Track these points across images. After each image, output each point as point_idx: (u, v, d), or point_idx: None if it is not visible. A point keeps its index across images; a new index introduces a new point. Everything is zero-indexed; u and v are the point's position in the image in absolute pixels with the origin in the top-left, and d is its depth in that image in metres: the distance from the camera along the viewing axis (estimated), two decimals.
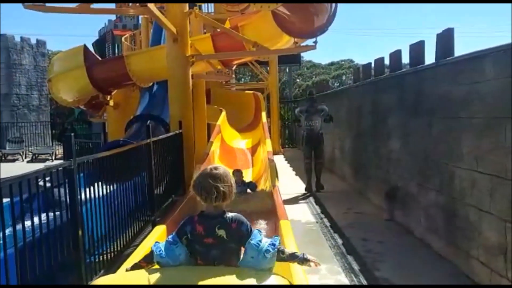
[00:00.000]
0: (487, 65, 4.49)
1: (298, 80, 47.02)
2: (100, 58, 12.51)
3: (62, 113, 32.25)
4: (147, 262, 2.69)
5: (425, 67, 6.14)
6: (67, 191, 3.72)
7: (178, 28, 8.65)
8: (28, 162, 19.73)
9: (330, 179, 11.20)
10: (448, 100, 5.43)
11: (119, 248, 4.97)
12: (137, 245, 4.46)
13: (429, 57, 6.12)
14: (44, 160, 19.22)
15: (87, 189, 4.33)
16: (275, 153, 17.74)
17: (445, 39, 5.54)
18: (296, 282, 2.94)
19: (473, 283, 4.84)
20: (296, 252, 2.81)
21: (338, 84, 42.05)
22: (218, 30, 10.62)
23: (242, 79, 41.53)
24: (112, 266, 4.35)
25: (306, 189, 10.07)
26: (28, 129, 23.65)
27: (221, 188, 2.55)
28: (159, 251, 2.59)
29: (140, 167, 6.18)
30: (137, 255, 3.39)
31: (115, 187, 5.15)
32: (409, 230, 6.73)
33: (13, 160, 19.94)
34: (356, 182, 10.20)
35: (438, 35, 5.73)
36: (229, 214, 2.61)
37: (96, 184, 4.53)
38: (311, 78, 46.46)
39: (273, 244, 2.56)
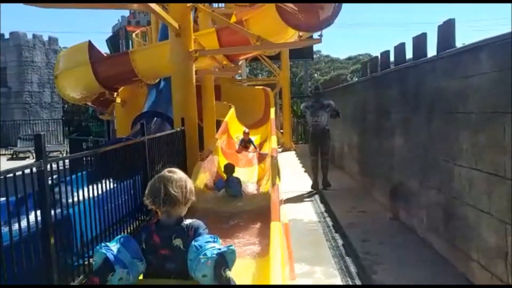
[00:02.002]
0: (483, 57, 4.23)
1: (315, 75, 46.70)
2: (105, 54, 12.41)
3: (79, 110, 32.51)
4: (102, 278, 2.23)
5: (425, 60, 5.88)
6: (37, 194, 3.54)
7: (181, 23, 8.48)
8: None
9: (339, 176, 10.96)
10: (446, 95, 5.18)
11: None
12: None
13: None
14: None
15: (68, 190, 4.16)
16: (287, 149, 17.64)
17: (446, 31, 5.26)
18: None
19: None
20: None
21: (356, 79, 41.56)
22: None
23: (260, 75, 41.42)
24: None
25: (312, 187, 9.85)
26: (41, 126, 23.80)
27: (171, 191, 2.31)
28: (122, 266, 2.22)
29: (135, 166, 5.95)
30: None
31: (105, 188, 4.94)
32: (413, 229, 6.47)
33: (24, 158, 20.04)
34: (362, 179, 9.94)
35: (439, 26, 5.46)
36: (187, 221, 2.38)
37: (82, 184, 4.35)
38: (329, 73, 46.09)
39: (218, 253, 2.21)
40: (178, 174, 2.41)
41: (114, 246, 2.28)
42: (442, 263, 5.27)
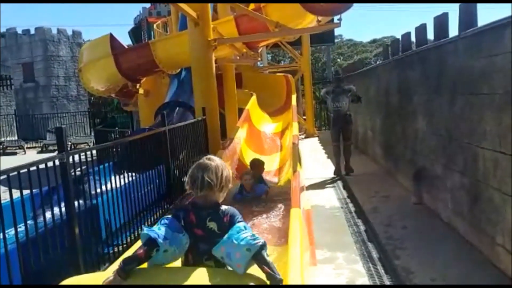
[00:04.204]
0: (506, 35, 4.10)
1: (338, 60, 46.15)
2: (126, 46, 12.51)
3: (105, 102, 32.91)
4: (147, 252, 2.34)
5: (446, 41, 5.73)
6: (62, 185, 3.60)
7: (199, 12, 8.46)
8: None
9: (362, 161, 10.87)
10: (469, 76, 5.05)
11: (131, 240, 4.84)
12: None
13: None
14: None
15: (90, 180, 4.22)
16: (310, 136, 17.54)
17: (467, 10, 5.12)
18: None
19: (498, 272, 4.51)
20: (274, 270, 2.33)
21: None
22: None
23: (282, 61, 41.16)
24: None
25: (334, 173, 9.79)
26: (68, 119, 24.34)
27: (207, 178, 2.46)
28: (163, 239, 2.33)
29: (157, 156, 5.96)
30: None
31: (129, 178, 4.99)
32: (437, 214, 6.38)
33: (54, 151, 20.41)
34: (385, 163, 9.83)
35: (460, 5, 5.31)
36: (222, 207, 2.51)
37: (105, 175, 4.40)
38: (352, 57, 45.45)
39: (254, 242, 2.31)
40: (215, 161, 2.56)
41: (155, 227, 2.43)
42: (467, 247, 5.19)
